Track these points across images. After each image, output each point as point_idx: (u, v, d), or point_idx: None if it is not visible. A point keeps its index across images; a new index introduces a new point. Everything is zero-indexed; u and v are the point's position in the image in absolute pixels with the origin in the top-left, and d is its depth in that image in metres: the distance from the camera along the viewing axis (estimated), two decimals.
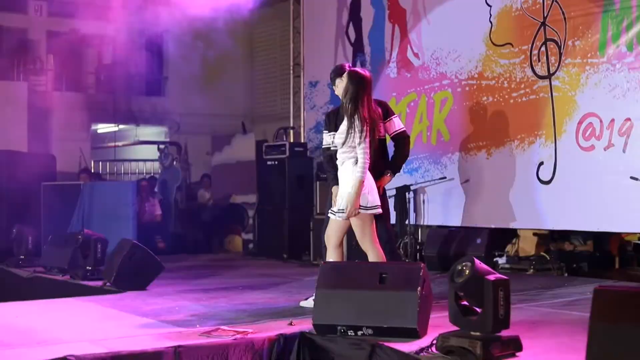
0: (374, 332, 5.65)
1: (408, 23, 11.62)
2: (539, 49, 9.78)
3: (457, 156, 10.81)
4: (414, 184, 11.14)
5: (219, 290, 8.62)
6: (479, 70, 10.56)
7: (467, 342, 5.05)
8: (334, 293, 5.90)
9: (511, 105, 10.11)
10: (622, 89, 8.93)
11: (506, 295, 5.10)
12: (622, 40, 8.94)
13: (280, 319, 6.50)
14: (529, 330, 5.77)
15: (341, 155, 6.89)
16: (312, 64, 13.39)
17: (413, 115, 11.43)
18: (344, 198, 6.79)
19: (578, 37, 9.37)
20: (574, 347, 5.17)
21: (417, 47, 11.49)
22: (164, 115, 18.50)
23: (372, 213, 6.80)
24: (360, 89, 6.90)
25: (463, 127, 10.76)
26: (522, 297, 7.59)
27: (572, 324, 6.28)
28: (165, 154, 16.21)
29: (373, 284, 5.83)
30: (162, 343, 5.51)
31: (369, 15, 12.28)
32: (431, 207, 11.16)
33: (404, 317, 5.63)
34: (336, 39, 12.84)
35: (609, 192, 8.96)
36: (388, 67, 11.93)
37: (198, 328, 6.12)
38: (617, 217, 8.94)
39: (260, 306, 7.44)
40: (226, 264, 12.05)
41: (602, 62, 9.11)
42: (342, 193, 6.84)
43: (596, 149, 9.08)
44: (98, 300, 8.03)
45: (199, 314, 6.90)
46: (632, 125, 8.82)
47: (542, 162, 9.71)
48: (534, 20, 9.85)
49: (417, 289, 5.66)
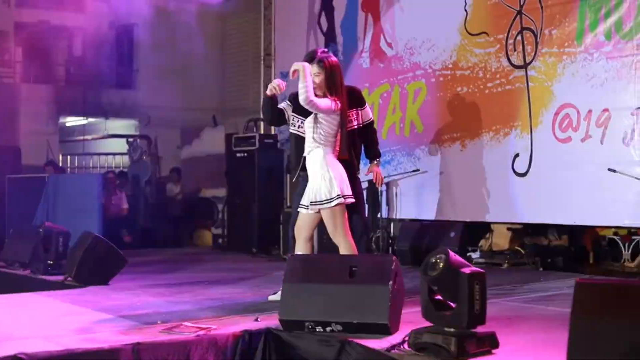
0: (344, 328, 5.40)
1: (381, 12, 11.41)
2: (514, 38, 9.61)
3: (430, 148, 10.62)
4: (387, 176, 10.90)
5: (184, 285, 8.38)
6: (453, 60, 10.36)
7: (440, 338, 4.81)
8: (302, 287, 5.65)
9: (486, 96, 9.93)
10: (600, 79, 8.77)
11: (482, 289, 4.86)
12: (600, 29, 8.77)
13: (246, 315, 6.24)
14: (504, 326, 5.55)
15: (310, 144, 6.60)
16: (284, 54, 13.14)
17: (386, 106, 11.22)
18: (312, 190, 6.53)
19: (555, 26, 9.20)
20: (551, 343, 5.02)
21: (390, 37, 11.28)
22: (134, 109, 18.22)
23: (344, 203, 6.52)
24: (338, 75, 6.65)
25: (437, 118, 10.57)
26: (497, 292, 7.40)
27: (548, 319, 6.11)
28: (134, 147, 15.97)
29: (342, 277, 5.58)
30: (120, 340, 5.26)
31: (342, 4, 12.08)
32: (404, 200, 10.96)
33: (374, 312, 5.38)
34: (308, 28, 12.61)
35: (586, 185, 8.81)
36: (361, 57, 11.71)
37: (159, 324, 5.85)
38: (595, 210, 8.80)
39: (226, 301, 7.18)
40: (194, 258, 11.81)
41: (579, 51, 8.95)
42: (311, 186, 6.57)
43: (573, 141, 8.93)
44: (58, 295, 7.74)
45: (162, 310, 6.63)
46: (610, 116, 8.65)
47: (517, 154, 9.54)
48: (509, 8, 9.66)
49: (389, 283, 5.41)
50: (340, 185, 6.48)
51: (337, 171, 6.51)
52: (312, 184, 6.56)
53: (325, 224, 6.63)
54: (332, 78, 6.62)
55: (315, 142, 6.54)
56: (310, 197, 6.55)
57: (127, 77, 18.77)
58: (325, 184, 6.47)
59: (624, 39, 8.61)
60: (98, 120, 18.89)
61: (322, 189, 6.47)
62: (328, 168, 6.49)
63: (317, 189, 6.51)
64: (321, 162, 6.50)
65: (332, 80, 6.60)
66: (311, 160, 6.58)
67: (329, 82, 6.60)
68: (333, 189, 6.45)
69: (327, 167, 6.49)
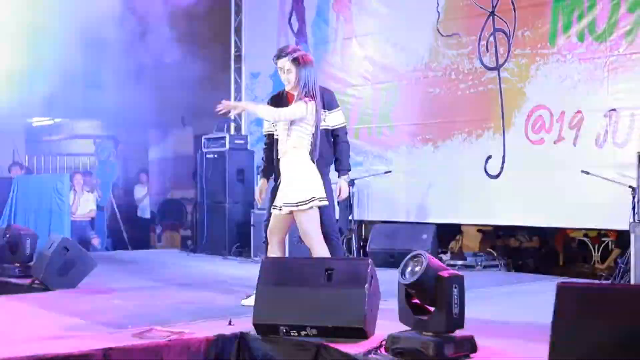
0: (319, 332, 5.30)
1: (353, 12, 11.34)
2: (487, 39, 9.61)
3: (402, 149, 10.59)
4: (359, 178, 10.86)
5: (154, 289, 8.25)
6: (425, 61, 10.35)
7: (418, 342, 4.73)
8: (276, 290, 5.55)
9: (459, 97, 9.93)
10: (572, 81, 8.81)
11: (461, 292, 4.81)
12: (573, 30, 8.81)
13: (219, 319, 6.13)
14: (482, 330, 5.48)
15: (283, 145, 6.49)
16: (254, 54, 13.08)
17: (358, 107, 11.17)
18: (285, 192, 6.43)
19: (528, 28, 9.22)
20: (530, 346, 4.99)
21: (362, 37, 11.21)
22: (101, 109, 18.02)
23: (317, 205, 6.42)
24: (312, 73, 6.53)
25: (409, 119, 10.55)
26: (472, 295, 7.32)
27: (526, 323, 6.11)
28: (102, 148, 15.81)
29: (318, 281, 5.48)
30: (90, 345, 5.12)
31: (313, 4, 12.04)
32: (376, 202, 10.94)
33: (350, 316, 5.29)
34: (279, 28, 12.56)
35: (559, 187, 8.83)
36: (332, 58, 11.62)
37: (130, 329, 5.73)
38: (568, 212, 8.81)
39: (198, 305, 7.07)
40: (163, 260, 11.66)
41: (552, 52, 8.98)
42: (284, 186, 6.47)
43: (546, 142, 8.95)
44: (25, 299, 7.61)
45: (132, 314, 6.51)
46: (583, 117, 8.68)
47: (490, 156, 9.56)
48: (482, 10, 9.67)
49: (365, 286, 5.33)
50: (314, 187, 6.39)
51: (312, 173, 6.42)
52: (286, 185, 6.46)
53: (298, 226, 6.53)
54: (306, 76, 6.49)
55: (289, 144, 6.43)
56: (284, 199, 6.45)
57: (94, 76, 18.58)
58: (299, 186, 6.37)
59: (596, 41, 8.64)
60: (65, 121, 18.68)
61: (296, 190, 6.38)
62: (302, 169, 6.39)
63: (291, 190, 6.41)
64: (296, 164, 6.41)
65: (305, 78, 6.49)
66: (285, 161, 6.48)
67: (302, 81, 6.48)
68: (308, 191, 6.36)
69: (301, 169, 6.39)
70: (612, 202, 8.35)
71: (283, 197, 6.45)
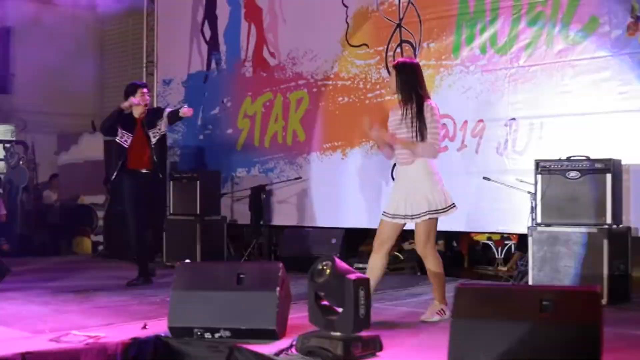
0: (232, 334, 5.52)
1: (264, 22, 11.53)
2: (394, 50, 9.89)
3: (312, 156, 10.80)
4: (269, 184, 11.07)
5: (68, 294, 8.27)
6: (335, 70, 10.58)
7: (327, 342, 4.99)
8: (190, 294, 5.73)
9: (367, 106, 10.17)
10: (475, 91, 9.12)
11: (367, 294, 5.06)
12: (476, 43, 9.14)
13: (134, 322, 6.27)
14: (388, 330, 5.75)
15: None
16: (166, 61, 13.10)
17: (268, 115, 11.36)
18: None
19: (433, 39, 9.51)
20: (434, 346, 5.21)
21: (273, 47, 11.42)
22: (10, 114, 17.77)
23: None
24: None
25: (319, 127, 10.76)
26: (379, 297, 7.60)
27: (430, 323, 6.33)
28: (11, 153, 15.58)
29: (230, 284, 5.69)
30: (8, 350, 5.16)
31: (225, 13, 12.13)
32: (286, 207, 11.12)
33: (262, 318, 5.52)
34: (191, 36, 12.61)
35: (462, 193, 9.03)
36: (244, 66, 11.80)
37: (47, 333, 5.83)
38: (471, 217, 9.08)
39: (112, 309, 7.18)
40: (75, 266, 11.62)
41: (456, 64, 9.27)
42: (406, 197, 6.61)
43: (450, 150, 9.22)
44: None
45: (48, 319, 6.58)
46: (485, 126, 9.01)
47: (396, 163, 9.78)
48: (389, 21, 9.94)
49: (276, 289, 5.56)
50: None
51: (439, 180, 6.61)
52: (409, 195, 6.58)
53: (416, 236, 6.69)
54: None
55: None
56: (407, 210, 6.58)
57: (2, 81, 18.33)
58: (430, 196, 6.54)
59: (498, 53, 8.99)
60: None
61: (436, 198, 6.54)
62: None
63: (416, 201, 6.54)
64: (421, 172, 6.58)
65: None
66: (412, 171, 6.61)
67: None
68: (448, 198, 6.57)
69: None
70: (513, 207, 8.68)
71: (402, 206, 6.67)
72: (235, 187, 11.76)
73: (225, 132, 12.00)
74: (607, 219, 7.45)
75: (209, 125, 12.30)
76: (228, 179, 11.78)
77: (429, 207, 6.49)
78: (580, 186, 7.59)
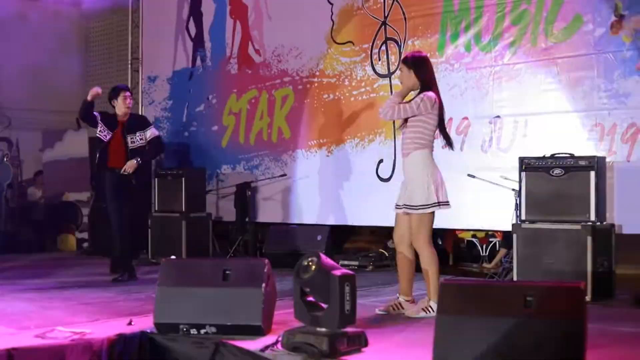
0: (218, 330, 5.53)
1: (250, 19, 11.54)
2: (379, 47, 9.92)
3: (297, 153, 10.82)
4: (254, 181, 11.09)
5: (53, 290, 8.27)
6: (320, 67, 10.60)
7: (313, 338, 5.00)
8: (176, 290, 5.73)
9: (352, 103, 10.21)
10: (460, 89, 9.16)
11: (352, 290, 5.08)
12: (461, 41, 9.18)
13: (120, 318, 6.28)
14: (374, 326, 5.78)
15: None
16: (151, 58, 13.07)
17: (254, 112, 11.37)
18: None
19: (418, 37, 9.55)
20: (419, 342, 5.23)
21: (258, 44, 11.43)
22: None
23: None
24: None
25: (304, 124, 10.79)
26: (365, 293, 7.63)
27: (416, 319, 6.36)
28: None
29: (216, 280, 5.70)
30: None
31: (210, 10, 12.12)
32: (272, 205, 11.13)
33: (248, 314, 5.53)
34: (176, 33, 12.60)
35: (447, 190, 9.10)
36: (229, 63, 11.80)
37: (33, 330, 5.82)
38: (456, 214, 9.05)
39: (98, 305, 7.17)
40: (60, 263, 11.59)
41: (441, 61, 9.30)
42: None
43: (434, 147, 9.21)
44: None
45: (34, 315, 6.57)
46: (470, 124, 9.06)
47: (381, 160, 9.85)
48: (374, 19, 9.97)
49: (262, 285, 5.57)
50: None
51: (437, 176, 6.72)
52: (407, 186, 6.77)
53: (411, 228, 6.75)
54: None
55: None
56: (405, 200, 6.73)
57: None
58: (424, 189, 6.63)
59: (482, 51, 9.04)
60: None
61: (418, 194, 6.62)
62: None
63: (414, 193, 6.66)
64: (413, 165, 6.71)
65: None
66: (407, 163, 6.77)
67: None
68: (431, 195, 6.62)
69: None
70: (497, 204, 8.72)
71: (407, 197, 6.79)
72: (220, 184, 11.76)
73: (211, 129, 12.00)
74: (591, 216, 7.48)
75: (194, 122, 12.29)
76: (213, 176, 11.79)
77: (409, 201, 6.65)
78: (565, 183, 7.62)
